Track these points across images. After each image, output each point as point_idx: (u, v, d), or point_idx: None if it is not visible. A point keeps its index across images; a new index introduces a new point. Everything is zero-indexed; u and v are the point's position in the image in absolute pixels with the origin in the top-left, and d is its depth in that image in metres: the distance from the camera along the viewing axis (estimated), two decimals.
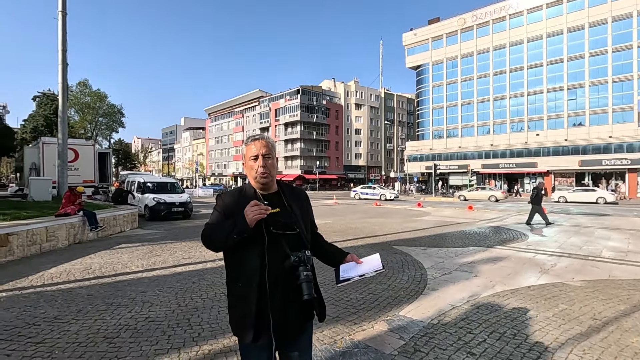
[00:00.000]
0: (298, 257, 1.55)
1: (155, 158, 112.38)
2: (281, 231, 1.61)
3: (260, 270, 1.54)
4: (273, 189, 1.75)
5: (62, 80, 14.48)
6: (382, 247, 8.25)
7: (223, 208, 1.67)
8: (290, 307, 1.59)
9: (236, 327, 1.63)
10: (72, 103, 48.79)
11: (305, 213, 1.77)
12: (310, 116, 62.26)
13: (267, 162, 1.66)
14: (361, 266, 1.74)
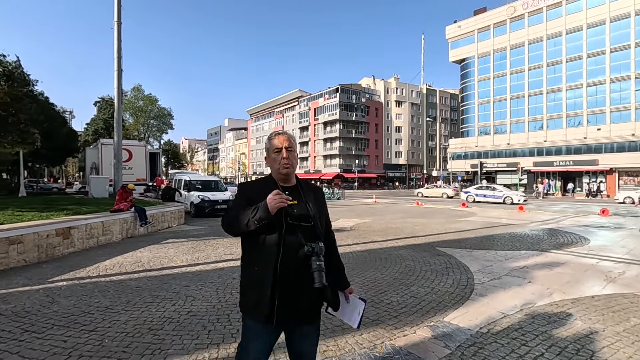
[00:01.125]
0: (312, 247, 1.65)
1: (201, 158, 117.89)
2: (297, 222, 1.70)
3: (276, 257, 1.64)
4: (292, 182, 1.86)
5: (117, 86, 15.50)
6: (425, 248, 7.91)
7: (245, 196, 1.79)
8: (303, 293, 1.67)
9: (248, 308, 1.73)
10: (126, 107, 52.53)
11: (320, 208, 1.87)
12: (349, 114, 61.91)
13: (289, 154, 1.79)
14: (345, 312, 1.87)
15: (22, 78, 9.97)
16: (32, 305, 4.24)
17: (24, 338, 3.35)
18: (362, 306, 1.87)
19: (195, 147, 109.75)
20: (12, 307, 4.16)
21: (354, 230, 10.78)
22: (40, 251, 6.61)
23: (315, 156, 67.33)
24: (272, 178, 1.85)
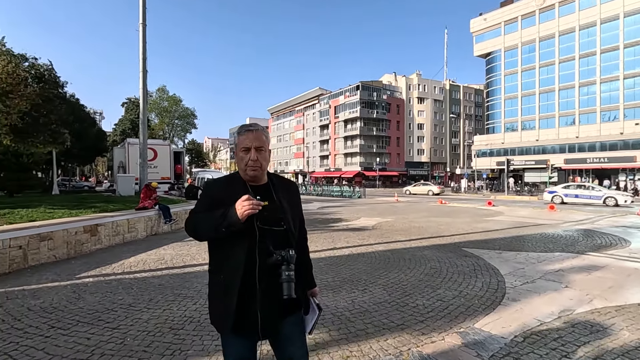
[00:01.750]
0: (281, 255, 1.52)
1: (223, 156, 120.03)
2: (267, 226, 1.57)
3: (244, 264, 1.53)
4: (263, 180, 1.70)
5: (142, 87, 15.85)
6: (450, 248, 7.62)
7: (211, 197, 1.64)
8: (272, 301, 1.55)
9: (214, 317, 1.63)
10: (152, 107, 54.07)
11: (294, 208, 1.73)
12: (370, 112, 61.27)
13: (258, 155, 1.61)
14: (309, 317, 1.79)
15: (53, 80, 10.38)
16: (59, 301, 4.33)
17: (50, 334, 3.39)
18: (316, 314, 1.80)
19: (217, 146, 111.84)
20: (41, 303, 4.26)
21: (376, 230, 10.56)
22: (69, 247, 6.80)
23: (335, 154, 67.10)
24: (240, 177, 1.67)
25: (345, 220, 12.94)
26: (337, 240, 8.59)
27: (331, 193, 32.28)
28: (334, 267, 6.04)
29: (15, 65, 7.76)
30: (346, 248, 7.68)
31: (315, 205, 20.80)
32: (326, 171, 68.14)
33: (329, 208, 18.93)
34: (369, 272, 5.71)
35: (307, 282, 1.83)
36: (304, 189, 36.28)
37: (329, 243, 8.27)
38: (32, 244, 6.03)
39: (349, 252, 7.29)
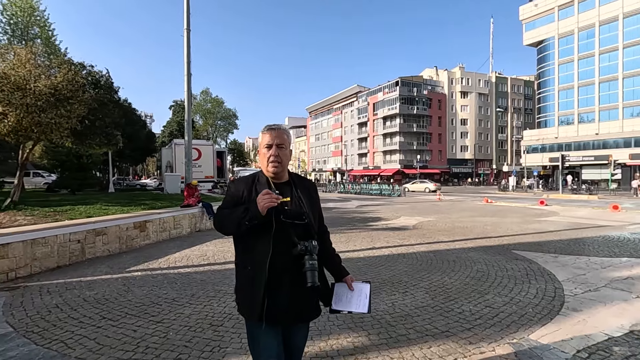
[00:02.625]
0: (305, 246, 1.60)
1: None
2: (290, 220, 1.65)
3: (269, 257, 1.60)
4: (284, 178, 1.79)
5: (187, 89, 16.56)
6: (498, 250, 7.13)
7: (236, 194, 1.72)
8: (298, 292, 1.63)
9: (243, 308, 1.70)
10: (196, 109, 56.68)
11: (313, 204, 1.80)
12: (410, 108, 59.67)
13: (279, 152, 1.70)
14: (352, 302, 1.79)
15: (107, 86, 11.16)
16: (110, 293, 4.58)
17: (101, 325, 3.58)
18: (367, 288, 1.82)
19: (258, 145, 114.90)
20: (95, 294, 4.53)
21: (417, 229, 10.19)
22: (121, 242, 7.24)
23: (374, 152, 66.17)
24: (263, 175, 1.77)
25: (385, 220, 12.64)
26: (376, 240, 8.38)
27: (369, 191, 31.82)
28: (373, 267, 5.87)
29: (75, 73, 8.39)
30: (386, 248, 7.46)
31: (354, 204, 20.59)
32: (364, 169, 67.43)
33: (367, 207, 18.65)
34: (410, 273, 5.48)
35: (342, 272, 1.89)
36: (342, 187, 36.13)
37: (368, 243, 8.09)
38: (88, 239, 6.48)
39: (389, 252, 7.07)
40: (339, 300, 1.80)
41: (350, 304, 1.78)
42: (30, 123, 7.59)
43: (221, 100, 59.98)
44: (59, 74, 8.13)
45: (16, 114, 7.39)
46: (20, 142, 8.33)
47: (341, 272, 1.89)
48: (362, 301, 1.78)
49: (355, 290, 1.81)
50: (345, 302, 1.79)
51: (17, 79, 7.62)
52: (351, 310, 1.77)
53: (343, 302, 1.79)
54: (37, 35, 18.02)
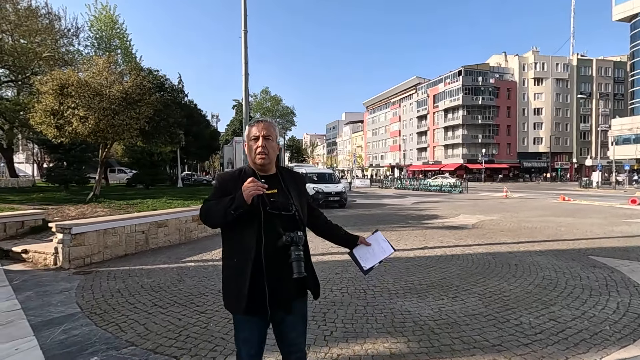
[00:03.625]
0: (290, 237, 1.61)
1: (320, 152, 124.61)
2: (277, 211, 1.66)
3: (255, 247, 1.61)
4: (271, 171, 1.80)
5: (245, 88, 17.29)
6: (572, 255, 6.29)
7: (222, 187, 1.72)
8: (283, 283, 1.64)
9: (229, 299, 1.71)
10: (257, 108, 59.15)
11: (301, 195, 1.83)
12: (474, 99, 55.81)
13: (266, 143, 1.70)
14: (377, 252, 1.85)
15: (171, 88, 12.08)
16: (165, 281, 4.91)
17: (152, 311, 3.83)
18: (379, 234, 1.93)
19: (315, 141, 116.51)
20: (151, 282, 4.89)
21: (477, 229, 9.45)
22: (180, 234, 7.76)
23: (434, 146, 63.20)
24: (250, 168, 1.79)
25: (442, 218, 11.95)
26: (429, 239, 7.93)
27: (428, 187, 30.44)
28: (422, 268, 5.53)
29: (142, 78, 9.18)
30: (439, 248, 7.01)
31: (410, 201, 19.85)
32: (424, 164, 64.78)
33: (424, 204, 17.84)
34: (462, 277, 5.05)
35: (352, 238, 1.97)
36: (399, 183, 35.08)
37: (420, 242, 7.68)
38: (151, 230, 7.05)
39: (442, 252, 6.62)
40: (365, 259, 1.85)
41: (376, 256, 1.86)
42: (106, 125, 8.48)
43: (279, 99, 61.86)
44: (129, 80, 8.94)
45: (95, 117, 8.31)
46: (99, 142, 9.37)
47: (351, 239, 1.97)
48: (384, 246, 1.88)
49: (373, 243, 1.89)
50: (372, 257, 1.86)
51: (96, 85, 8.54)
52: (381, 260, 1.86)
53: (370, 259, 1.85)
54: (117, 46, 20.22)
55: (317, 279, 1.87)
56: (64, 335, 3.27)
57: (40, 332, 3.33)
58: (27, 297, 4.26)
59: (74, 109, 8.18)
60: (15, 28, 14.55)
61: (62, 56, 16.85)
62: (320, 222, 2.00)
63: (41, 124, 8.40)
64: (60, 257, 5.59)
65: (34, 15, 15.85)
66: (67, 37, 18.35)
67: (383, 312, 3.77)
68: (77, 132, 8.25)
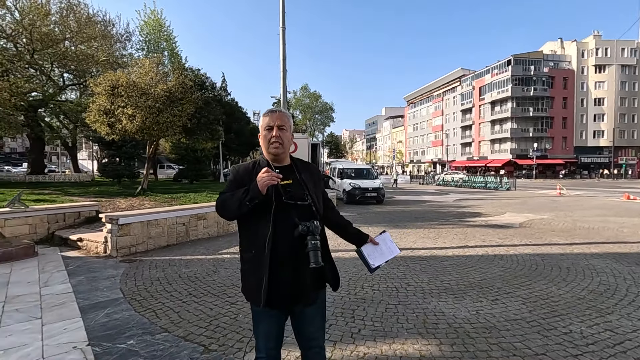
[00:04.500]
0: (307, 226, 1.58)
1: (360, 147, 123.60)
2: (292, 201, 1.64)
3: (272, 239, 1.59)
4: (286, 162, 1.78)
5: (282, 85, 17.48)
6: (636, 259, 5.64)
7: (237, 179, 1.71)
8: (301, 274, 1.63)
9: (249, 292, 1.70)
10: (296, 105, 59.85)
11: (317, 186, 1.81)
12: (525, 90, 52.16)
13: (280, 133, 1.69)
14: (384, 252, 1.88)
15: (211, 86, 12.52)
16: (201, 272, 5.08)
17: (186, 300, 3.97)
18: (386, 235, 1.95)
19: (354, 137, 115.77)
20: (189, 272, 5.08)
21: (524, 228, 8.81)
22: (219, 227, 8.02)
23: (480, 141, 60.07)
24: (264, 159, 1.77)
25: (485, 216, 11.31)
26: (470, 238, 7.52)
27: (472, 184, 29.01)
28: (461, 268, 5.24)
29: (184, 77, 9.58)
30: (480, 247, 6.61)
31: (452, 198, 19.04)
32: (468, 160, 61.87)
33: (467, 201, 17.02)
34: (505, 279, 4.71)
35: (362, 236, 1.93)
36: (440, 180, 33.82)
37: (460, 240, 7.30)
38: (191, 222, 7.35)
39: (483, 252, 6.24)
40: (373, 258, 1.87)
41: (384, 255, 1.88)
42: (151, 122, 8.96)
43: (319, 95, 62.04)
44: (172, 79, 9.36)
45: (141, 115, 8.81)
46: (145, 139, 9.95)
47: (362, 237, 1.94)
48: (390, 247, 1.91)
49: (381, 243, 1.91)
50: (380, 256, 1.88)
51: (143, 85, 9.04)
52: (387, 260, 1.88)
53: (378, 257, 1.87)
54: (164, 48, 21.40)
55: (337, 269, 1.84)
56: (107, 318, 3.48)
57: (86, 314, 3.57)
58: (79, 282, 4.61)
59: (123, 108, 8.75)
60: (76, 35, 15.82)
61: (117, 60, 18.08)
62: (333, 215, 1.96)
63: (95, 122, 9.10)
64: (109, 246, 6.00)
65: (92, 22, 17.18)
66: (120, 41, 19.71)
67: (415, 312, 3.61)
68: (126, 129, 8.83)
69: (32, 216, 6.92)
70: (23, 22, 15.04)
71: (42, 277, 4.79)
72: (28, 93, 16.84)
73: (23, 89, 14.89)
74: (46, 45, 15.53)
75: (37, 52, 15.83)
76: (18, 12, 15.55)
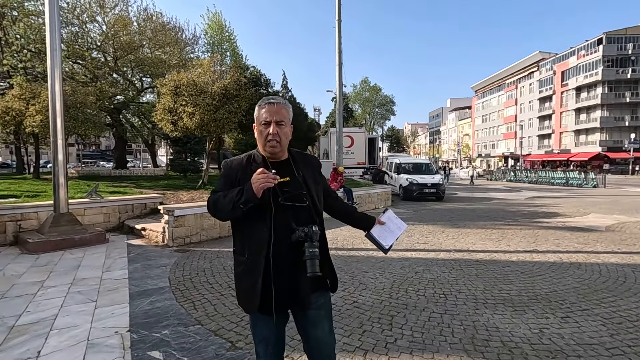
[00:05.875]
0: (304, 232, 1.48)
1: (422, 141, 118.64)
2: (289, 203, 1.53)
3: (267, 242, 1.49)
4: (283, 157, 1.64)
5: (338, 78, 17.30)
6: None
7: (229, 176, 1.59)
8: (298, 281, 1.53)
9: (242, 298, 1.61)
10: (355, 99, 59.27)
11: (317, 182, 1.68)
12: (620, 72, 45.17)
13: (279, 130, 1.53)
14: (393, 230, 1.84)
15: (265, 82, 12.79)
16: None
17: (225, 293, 4.02)
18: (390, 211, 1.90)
19: (416, 131, 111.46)
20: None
21: (613, 232, 7.54)
22: None
23: (561, 132, 53.60)
24: (260, 153, 1.61)
25: (563, 216, 9.95)
26: (541, 241, 6.63)
27: (550, 180, 25.99)
28: (526, 276, 4.59)
29: (239, 74, 9.87)
30: (552, 253, 5.77)
31: (524, 195, 17.22)
32: (547, 153, 55.70)
33: (542, 199, 15.24)
34: (581, 292, 4.00)
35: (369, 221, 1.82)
36: (511, 175, 30.87)
37: (528, 243, 6.47)
38: None
39: (556, 259, 5.42)
40: (384, 238, 1.84)
41: (393, 233, 1.85)
42: (209, 119, 9.41)
43: (379, 88, 60.69)
44: (228, 77, 9.71)
45: (200, 112, 9.28)
46: (204, 135, 10.49)
47: (369, 219, 1.83)
48: (397, 223, 1.87)
49: (387, 222, 1.86)
50: (390, 235, 1.85)
51: (202, 84, 9.51)
52: (397, 236, 1.85)
53: (388, 237, 1.84)
54: (227, 49, 22.53)
55: (335, 271, 1.71)
56: (150, 306, 3.64)
57: (134, 300, 3.78)
58: (135, 269, 4.95)
59: (184, 106, 9.33)
60: (150, 42, 17.32)
61: (186, 62, 19.47)
62: (337, 205, 1.86)
63: (161, 121, 9.86)
64: (166, 236, 6.40)
65: (164, 29, 18.69)
66: (189, 45, 21.18)
67: (463, 324, 3.20)
68: (186, 126, 9.40)
69: (106, 206, 7.69)
70: (109, 33, 16.90)
71: (106, 262, 5.25)
72: (113, 97, 18.96)
73: (108, 93, 16.76)
74: (126, 52, 17.27)
75: (120, 60, 17.67)
76: (105, 25, 17.50)
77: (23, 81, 12.64)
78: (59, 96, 6.14)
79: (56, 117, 6.14)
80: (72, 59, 16.77)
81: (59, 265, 5.05)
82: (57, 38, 6.19)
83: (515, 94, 64.76)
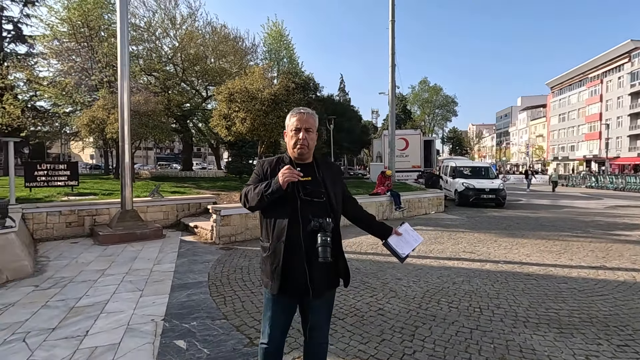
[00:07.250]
0: (319, 222, 1.67)
1: (488, 143, 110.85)
2: (309, 198, 1.76)
3: (287, 231, 1.72)
4: (308, 160, 1.88)
5: (391, 80, 16.93)
6: None
7: (261, 172, 1.86)
8: (313, 267, 1.72)
9: (265, 279, 1.83)
10: (414, 100, 57.48)
11: (336, 185, 1.90)
12: None
13: (307, 136, 1.80)
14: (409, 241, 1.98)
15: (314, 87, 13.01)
16: None
17: (255, 290, 4.17)
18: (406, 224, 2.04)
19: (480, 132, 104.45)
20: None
21: None
22: None
23: None
24: (288, 156, 1.89)
25: None
26: (612, 257, 5.82)
27: (638, 187, 22.60)
28: (583, 295, 4.06)
29: (288, 80, 10.19)
30: (624, 271, 5.03)
31: (604, 204, 15.21)
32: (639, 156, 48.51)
33: (626, 209, 13.33)
34: (611, 324, 3.43)
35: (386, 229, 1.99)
36: (592, 181, 27.42)
37: (596, 258, 5.71)
38: None
39: (627, 277, 4.72)
40: (401, 247, 1.94)
41: (410, 244, 1.96)
42: (259, 124, 9.84)
43: (439, 88, 58.15)
44: (277, 83, 10.07)
45: (251, 118, 9.75)
46: (255, 139, 10.99)
47: (386, 229, 2.00)
48: (413, 235, 1.99)
49: (404, 233, 1.97)
50: (406, 245, 1.94)
51: (253, 91, 9.99)
52: (413, 248, 1.97)
53: (405, 247, 1.94)
54: (284, 56, 23.39)
55: (348, 267, 1.92)
56: (186, 298, 3.92)
57: (173, 292, 4.11)
58: (182, 263, 5.36)
59: (237, 112, 9.89)
60: (213, 52, 18.64)
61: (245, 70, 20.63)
62: (355, 210, 2.06)
63: (217, 126, 10.57)
64: (214, 234, 6.83)
65: (225, 39, 20.00)
66: (249, 53, 22.40)
67: (494, 343, 2.94)
68: (239, 131, 9.96)
69: (165, 205, 8.45)
70: (179, 47, 18.58)
71: (159, 256, 5.76)
72: (181, 105, 20.76)
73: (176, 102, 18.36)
74: (193, 64, 18.82)
75: (187, 70, 19.31)
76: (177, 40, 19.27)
77: (106, 93, 14.42)
78: (126, 106, 6.92)
79: (124, 124, 6.93)
80: (147, 72, 18.72)
81: (120, 257, 5.67)
82: (126, 54, 6.98)
83: (600, 89, 57.52)
